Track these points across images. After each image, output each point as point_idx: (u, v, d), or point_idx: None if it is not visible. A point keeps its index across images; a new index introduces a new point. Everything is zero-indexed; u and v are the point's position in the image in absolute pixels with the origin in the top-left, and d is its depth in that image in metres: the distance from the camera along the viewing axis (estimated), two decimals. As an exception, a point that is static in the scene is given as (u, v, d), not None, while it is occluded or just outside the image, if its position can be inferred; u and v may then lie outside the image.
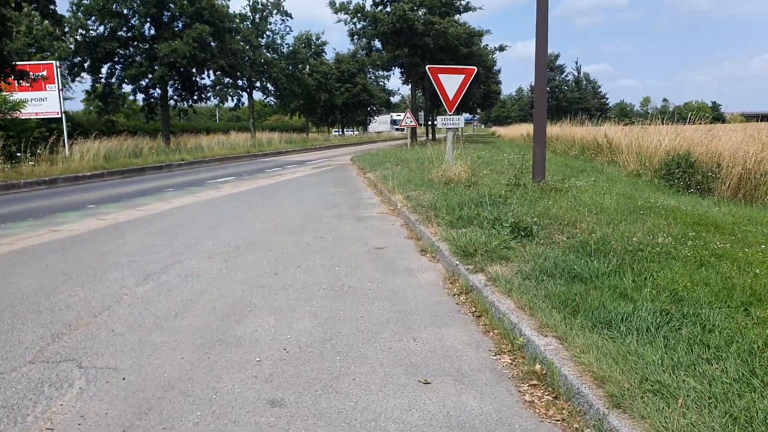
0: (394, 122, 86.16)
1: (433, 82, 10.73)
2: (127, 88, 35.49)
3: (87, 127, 34.59)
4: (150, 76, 32.32)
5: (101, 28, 31.43)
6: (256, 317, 4.24)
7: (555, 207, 7.30)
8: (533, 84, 9.42)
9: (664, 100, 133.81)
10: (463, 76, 10.75)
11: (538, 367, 3.08)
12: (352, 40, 31.03)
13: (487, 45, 34.05)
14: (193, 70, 34.60)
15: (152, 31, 32.68)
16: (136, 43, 32.92)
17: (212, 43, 33.92)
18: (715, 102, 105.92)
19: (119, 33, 32.02)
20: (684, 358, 2.78)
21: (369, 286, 5.00)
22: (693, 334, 3.06)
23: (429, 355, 3.47)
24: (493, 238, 5.68)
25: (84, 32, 31.47)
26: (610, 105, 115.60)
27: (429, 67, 10.73)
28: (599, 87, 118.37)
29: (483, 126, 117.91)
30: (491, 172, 11.33)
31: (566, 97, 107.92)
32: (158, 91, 34.09)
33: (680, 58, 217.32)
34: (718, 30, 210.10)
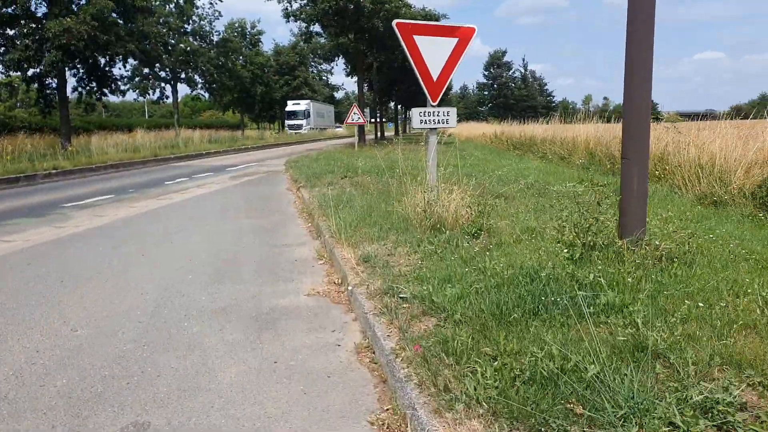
0: (290, 115, 57.74)
1: (404, 48, 6.23)
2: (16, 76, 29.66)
3: (-26, 124, 28.46)
4: (42, 62, 26.39)
5: (-25, 2, 25.29)
6: None
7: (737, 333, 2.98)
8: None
9: (605, 98, 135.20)
10: (456, 40, 6.32)
11: None
12: (288, 20, 26.10)
13: (443, 32, 29.94)
14: (99, 57, 28.92)
15: (44, 9, 26.76)
16: (23, 21, 26.80)
17: (120, 23, 28.31)
18: (651, 101, 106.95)
19: (2, 10, 25.88)
20: None
21: None
22: None
23: None
24: None
25: (-50, 6, 25.02)
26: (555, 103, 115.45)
27: (398, 23, 6.22)
28: (545, 84, 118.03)
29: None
30: (502, 202, 6.96)
31: (513, 94, 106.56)
32: (56, 80, 28.28)
33: (616, 60, 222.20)
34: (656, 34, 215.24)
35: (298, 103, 58.62)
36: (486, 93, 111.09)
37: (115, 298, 4.71)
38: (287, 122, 58.60)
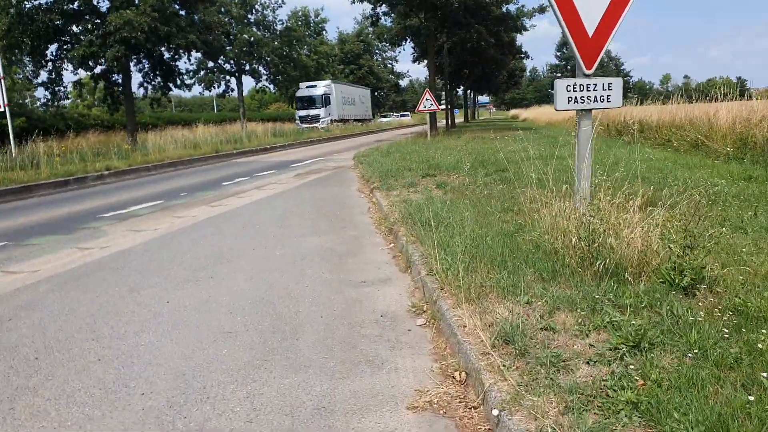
0: (303, 102, 42.84)
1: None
2: (83, 73, 29.53)
3: (52, 123, 28.64)
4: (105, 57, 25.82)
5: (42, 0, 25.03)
6: None
7: None
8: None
9: (686, 76, 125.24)
10: (627, -30, 4.07)
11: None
12: (353, 1, 24.14)
13: (523, 6, 27.03)
14: (162, 50, 28.29)
15: (107, 3, 26.17)
16: (87, 17, 26.41)
17: (181, 14, 27.49)
18: (740, 77, 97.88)
19: (67, 6, 25.55)
20: None
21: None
22: None
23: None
24: None
25: (16, 4, 24.79)
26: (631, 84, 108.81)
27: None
28: (622, 64, 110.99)
29: (495, 110, 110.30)
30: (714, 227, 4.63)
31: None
32: (121, 76, 27.87)
33: (692, 35, 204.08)
34: (733, 4, 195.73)
35: (314, 85, 42.70)
36: (559, 75, 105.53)
37: (98, 407, 2.84)
38: (298, 113, 42.58)
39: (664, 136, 12.78)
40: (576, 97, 4.21)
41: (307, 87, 42.83)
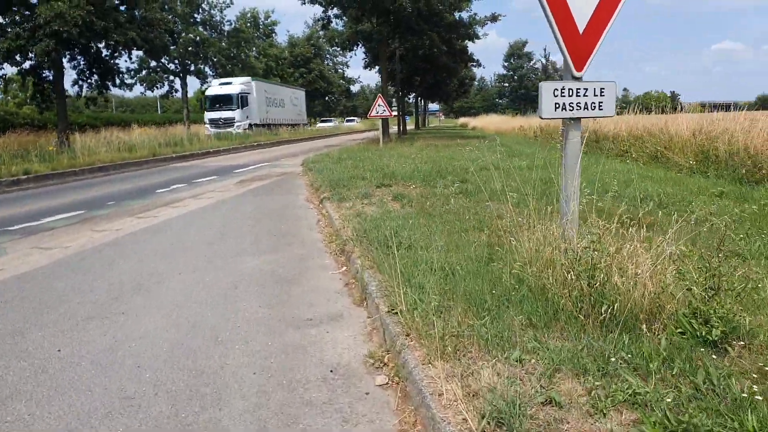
0: (214, 103, 34.72)
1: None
2: (10, 69, 27.26)
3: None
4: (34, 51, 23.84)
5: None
6: None
7: None
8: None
9: (625, 89, 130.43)
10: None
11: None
12: (304, 2, 23.18)
13: (476, 14, 26.84)
14: (100, 47, 26.52)
15: (41, -6, 24.22)
16: (15, 8, 24.36)
17: (120, 9, 25.87)
18: (673, 92, 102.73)
19: (-10, -5, 23.47)
20: None
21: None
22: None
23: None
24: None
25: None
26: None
27: None
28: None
29: (444, 117, 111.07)
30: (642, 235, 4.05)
31: (534, 85, 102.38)
32: (52, 72, 25.89)
33: (632, 50, 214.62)
34: (670, 23, 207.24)
35: (230, 82, 35.04)
36: (506, 85, 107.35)
37: None
38: (207, 115, 34.64)
39: (622, 147, 12.53)
40: (564, 104, 3.55)
41: (220, 84, 35.55)
